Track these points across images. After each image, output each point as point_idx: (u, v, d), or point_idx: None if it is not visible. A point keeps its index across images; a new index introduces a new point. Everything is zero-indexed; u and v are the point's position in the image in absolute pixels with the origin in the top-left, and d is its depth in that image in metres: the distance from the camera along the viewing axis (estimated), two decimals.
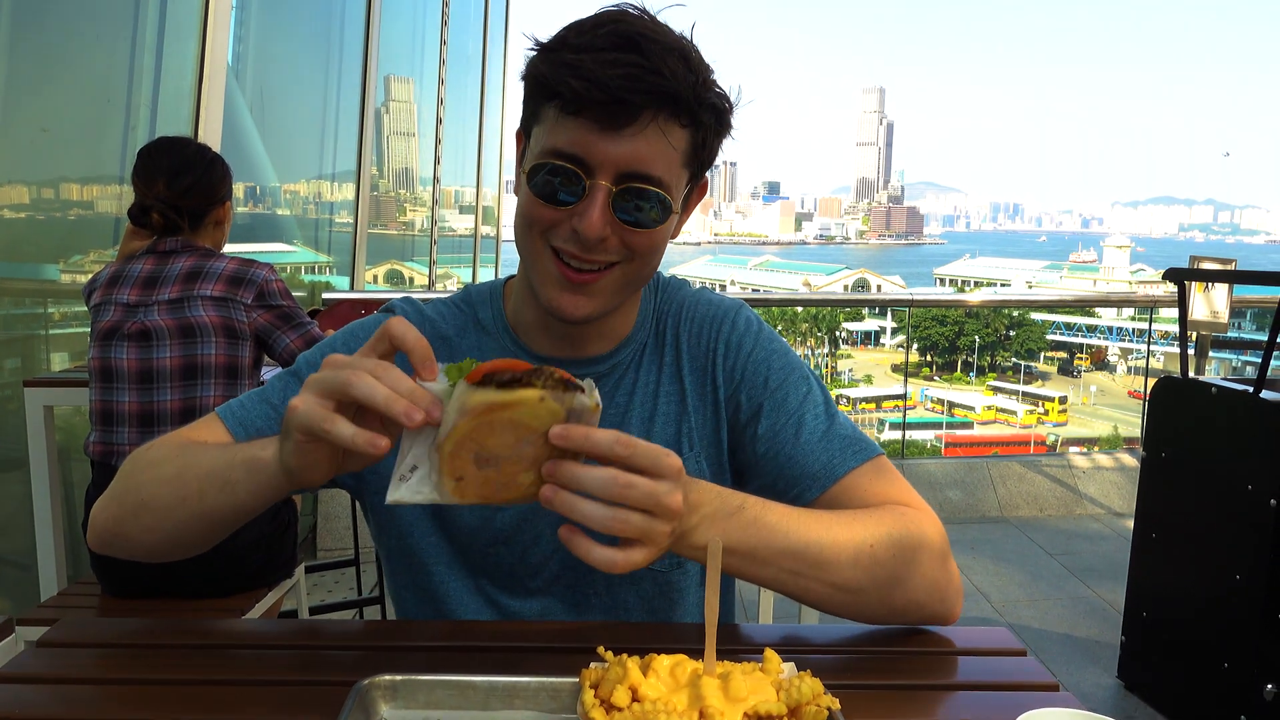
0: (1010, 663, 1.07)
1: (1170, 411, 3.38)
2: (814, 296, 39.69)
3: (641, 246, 1.11)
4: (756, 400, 1.24)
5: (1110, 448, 9.83)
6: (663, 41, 1.05)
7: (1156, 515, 3.43)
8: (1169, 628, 3.35)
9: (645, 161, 1.06)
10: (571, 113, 1.05)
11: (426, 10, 8.33)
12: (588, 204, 1.06)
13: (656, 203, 1.09)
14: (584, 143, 1.05)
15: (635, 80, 1.02)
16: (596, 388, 0.91)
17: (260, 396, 1.22)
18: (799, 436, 1.22)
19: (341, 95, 6.49)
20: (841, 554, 1.07)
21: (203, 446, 1.11)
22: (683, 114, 1.07)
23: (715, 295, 1.33)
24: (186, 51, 4.19)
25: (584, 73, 1.02)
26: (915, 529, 1.13)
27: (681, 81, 1.05)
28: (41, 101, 3.59)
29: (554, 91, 1.05)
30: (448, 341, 1.26)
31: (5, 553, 3.52)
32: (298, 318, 2.62)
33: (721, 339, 1.27)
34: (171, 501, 1.06)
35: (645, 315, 1.29)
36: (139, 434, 2.46)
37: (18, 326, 3.74)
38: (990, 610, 4.38)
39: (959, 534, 5.43)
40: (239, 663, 1.04)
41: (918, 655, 1.10)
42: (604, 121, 1.04)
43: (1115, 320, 53.85)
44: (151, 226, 2.58)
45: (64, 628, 1.09)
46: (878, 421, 41.57)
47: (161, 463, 1.10)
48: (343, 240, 6.76)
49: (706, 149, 1.13)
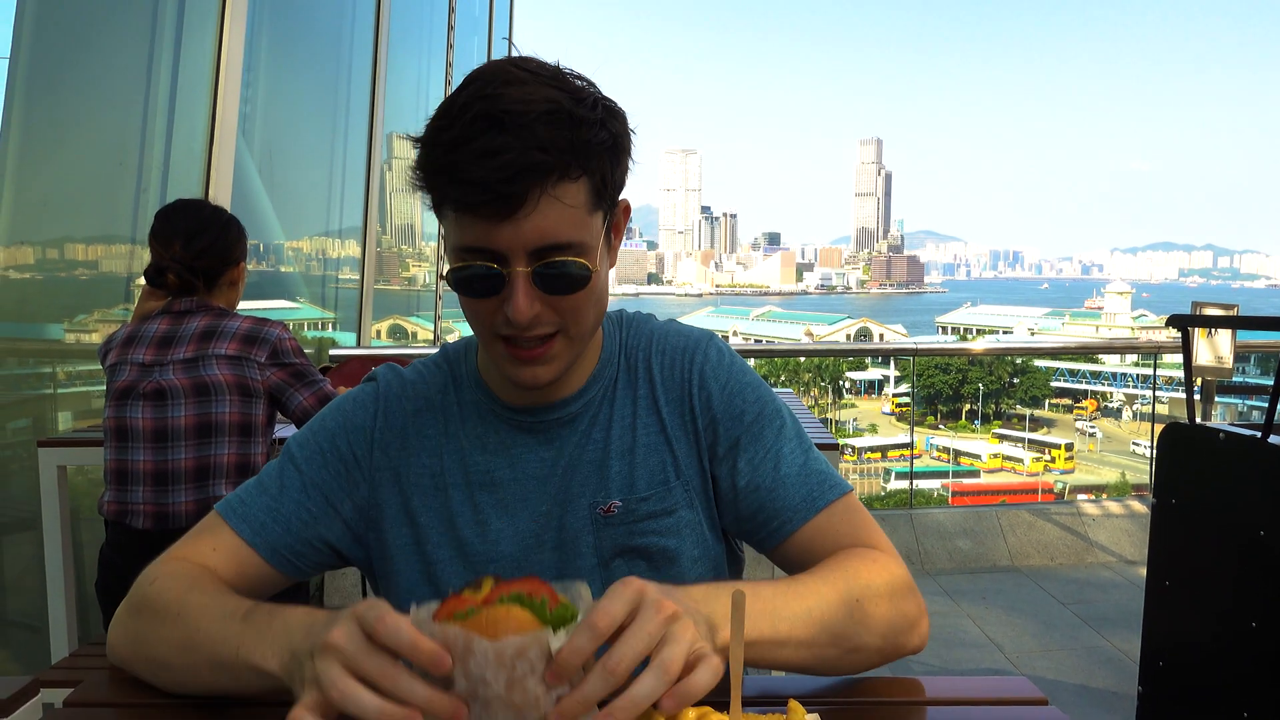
0: (1031, 712, 1.07)
1: (1178, 458, 3.38)
2: (817, 346, 39.73)
3: (574, 308, 1.11)
4: (733, 434, 1.24)
5: (1119, 495, 9.76)
6: (531, 108, 1.02)
7: (1168, 563, 3.41)
8: (1186, 677, 3.31)
9: (550, 233, 1.05)
10: (465, 211, 1.04)
11: (430, 68, 8.48)
12: (510, 290, 1.06)
13: (575, 267, 1.08)
14: (487, 235, 1.04)
15: (510, 167, 1.00)
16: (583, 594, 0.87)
17: (259, 488, 1.22)
18: (778, 470, 1.23)
19: (348, 153, 6.58)
20: (836, 616, 1.08)
21: (203, 609, 1.05)
22: (571, 172, 1.05)
23: (685, 326, 1.33)
24: (198, 113, 4.26)
25: (460, 175, 1.01)
26: (882, 576, 1.15)
27: (559, 147, 1.02)
28: (55, 163, 3.66)
29: (440, 199, 1.06)
30: (431, 403, 1.27)
31: (15, 614, 3.51)
32: (310, 375, 2.64)
33: (695, 369, 1.26)
34: (184, 673, 1.04)
35: (611, 351, 1.28)
36: (154, 492, 2.47)
37: (24, 386, 3.76)
38: (1004, 661, 4.34)
39: (970, 583, 5.39)
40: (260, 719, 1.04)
41: (938, 705, 1.10)
42: (498, 214, 1.02)
43: (1119, 366, 53.83)
44: (167, 287, 2.61)
45: (88, 688, 1.09)
46: (883, 471, 41.38)
47: (169, 620, 1.06)
48: (346, 296, 6.82)
49: (609, 184, 1.11)
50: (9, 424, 3.63)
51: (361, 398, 1.28)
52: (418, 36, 8.38)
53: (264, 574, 1.20)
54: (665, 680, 0.84)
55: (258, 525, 1.19)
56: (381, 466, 1.24)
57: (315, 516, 1.22)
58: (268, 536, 1.19)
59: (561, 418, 1.24)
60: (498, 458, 1.24)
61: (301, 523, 1.21)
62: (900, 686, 1.13)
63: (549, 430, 1.24)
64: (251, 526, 1.19)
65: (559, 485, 1.23)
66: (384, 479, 1.24)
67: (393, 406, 1.26)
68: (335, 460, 1.23)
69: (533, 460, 1.24)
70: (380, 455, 1.24)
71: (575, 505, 1.23)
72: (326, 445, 1.24)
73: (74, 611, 2.98)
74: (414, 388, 1.28)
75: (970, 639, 4.61)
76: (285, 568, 1.21)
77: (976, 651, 4.47)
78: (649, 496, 1.23)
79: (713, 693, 0.97)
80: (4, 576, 3.50)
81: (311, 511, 1.21)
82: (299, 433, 1.27)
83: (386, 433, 1.25)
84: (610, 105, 1.09)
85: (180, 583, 1.10)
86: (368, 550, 1.26)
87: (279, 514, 1.20)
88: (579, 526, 1.22)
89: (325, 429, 1.26)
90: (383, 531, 1.24)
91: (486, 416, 1.25)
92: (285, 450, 1.26)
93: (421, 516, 1.23)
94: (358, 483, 1.24)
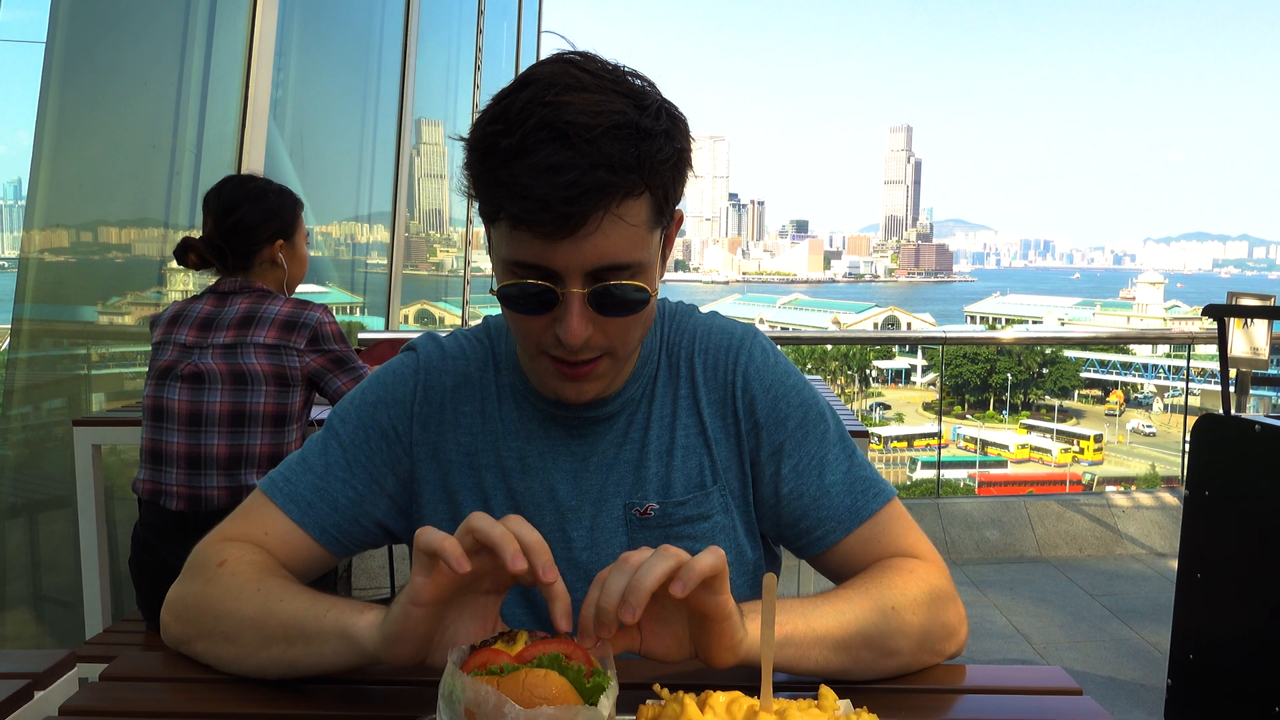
0: (1067, 702, 1.06)
1: (1212, 449, 3.33)
2: (844, 334, 39.53)
3: (625, 330, 1.08)
4: (777, 439, 1.22)
5: (1149, 487, 9.66)
6: (597, 121, 0.96)
7: (1200, 555, 3.37)
8: (1217, 670, 3.28)
9: (610, 254, 1.00)
10: (522, 226, 0.99)
11: (460, 55, 8.48)
12: (564, 311, 1.02)
13: (633, 290, 1.04)
14: (544, 253, 0.99)
15: (575, 186, 0.95)
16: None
17: (304, 465, 1.21)
18: (823, 478, 1.21)
19: (378, 138, 6.61)
20: (871, 620, 1.08)
21: (284, 585, 1.07)
22: (636, 190, 1.00)
23: (726, 322, 1.30)
24: (230, 95, 4.29)
25: (520, 190, 0.96)
26: (920, 586, 1.14)
27: (626, 165, 0.97)
28: (88, 146, 3.69)
29: (495, 212, 1.01)
30: (470, 380, 1.25)
31: (51, 590, 3.56)
32: (350, 361, 2.58)
33: (739, 371, 1.23)
34: (255, 645, 1.03)
35: (651, 347, 1.25)
36: (186, 475, 2.48)
37: (59, 367, 3.81)
38: (1031, 652, 4.31)
39: (997, 574, 5.35)
40: (296, 698, 1.05)
41: (973, 693, 1.10)
42: (558, 232, 0.98)
43: (1150, 357, 53.22)
44: (189, 266, 2.58)
45: (123, 663, 1.10)
46: (909, 460, 41.19)
47: (241, 594, 1.06)
48: (375, 281, 6.85)
49: (669, 199, 1.06)
50: (44, 403, 3.68)
51: (401, 370, 1.25)
52: (447, 22, 8.38)
53: (315, 554, 1.20)
54: (670, 561, 0.88)
55: (305, 505, 1.18)
56: (421, 441, 1.23)
57: (361, 494, 1.21)
58: (316, 516, 1.18)
59: (599, 415, 1.22)
60: (531, 445, 1.22)
61: (349, 500, 1.20)
62: (934, 674, 1.12)
63: (585, 426, 1.22)
64: (299, 507, 1.18)
65: (593, 482, 1.22)
66: (423, 454, 1.23)
67: (433, 380, 1.24)
68: (377, 435, 1.22)
69: (565, 454, 1.22)
70: (420, 429, 1.23)
71: (610, 505, 1.21)
72: (368, 419, 1.22)
73: (108, 588, 3.02)
74: (454, 361, 1.26)
75: (997, 630, 4.58)
76: (334, 547, 1.21)
77: (1003, 642, 4.44)
78: (686, 501, 1.21)
79: (743, 678, 0.97)
80: (40, 553, 3.56)
81: (357, 489, 1.20)
82: (340, 405, 1.26)
83: (426, 407, 1.23)
84: (674, 112, 1.04)
85: (256, 565, 1.11)
86: (412, 524, 1.24)
87: (325, 492, 1.19)
88: (612, 526, 1.21)
89: (366, 402, 1.24)
90: (422, 505, 1.24)
91: (523, 404, 1.23)
92: (328, 425, 1.24)
93: (459, 494, 1.22)
94: (400, 457, 1.23)
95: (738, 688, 0.91)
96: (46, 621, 3.58)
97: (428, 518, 1.23)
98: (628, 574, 0.88)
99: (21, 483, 3.56)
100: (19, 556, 3.49)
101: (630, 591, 0.86)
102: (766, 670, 0.90)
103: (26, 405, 3.57)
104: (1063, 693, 1.08)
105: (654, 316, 1.16)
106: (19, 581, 3.50)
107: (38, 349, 3.61)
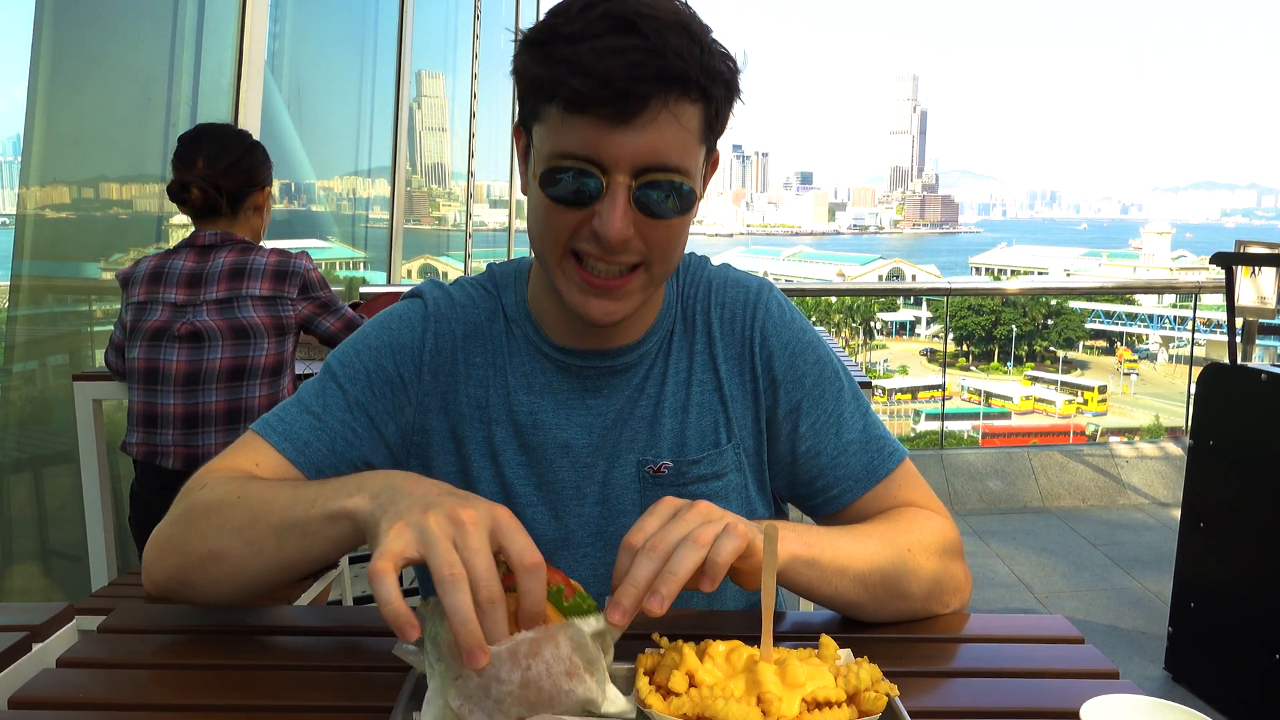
0: (1068, 650, 1.06)
1: (1218, 399, 3.32)
2: (848, 286, 39.41)
3: (665, 240, 1.06)
4: (794, 397, 1.21)
5: (1153, 437, 9.67)
6: (662, 16, 0.97)
7: (1203, 505, 3.37)
8: (1217, 619, 3.29)
9: (662, 151, 1.00)
10: (576, 111, 0.97)
11: (458, 6, 8.36)
12: (608, 203, 1.00)
13: (678, 192, 1.02)
14: (595, 141, 0.98)
15: (640, 67, 0.95)
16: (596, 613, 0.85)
17: (300, 406, 1.17)
18: (840, 436, 1.20)
19: (376, 91, 6.53)
20: (887, 557, 1.09)
21: (268, 486, 1.05)
22: (693, 91, 1.00)
23: (740, 274, 1.28)
24: (225, 47, 4.22)
25: (584, 68, 0.95)
26: (935, 535, 1.15)
27: (688, 58, 0.97)
28: (83, 100, 3.64)
29: (553, 91, 0.98)
30: (479, 329, 1.22)
31: (56, 545, 3.58)
32: (335, 303, 2.69)
33: (756, 326, 1.22)
34: (245, 553, 1.00)
35: (670, 299, 1.23)
36: (183, 434, 2.47)
37: (61, 324, 3.80)
38: (1033, 601, 4.34)
39: (1000, 524, 5.38)
40: (287, 649, 1.05)
41: (974, 642, 1.09)
42: (613, 116, 0.97)
43: (1155, 308, 53.02)
44: (191, 204, 2.55)
45: (121, 615, 1.11)
46: (914, 412, 41.27)
47: (226, 507, 1.03)
48: (376, 235, 6.81)
49: (719, 119, 1.06)
50: (47, 360, 3.67)
51: (409, 316, 1.22)
52: None
53: None
54: (699, 551, 0.87)
55: (300, 444, 1.14)
56: (430, 391, 1.20)
57: (360, 436, 1.17)
58: (311, 455, 1.14)
59: (614, 367, 1.20)
60: (543, 399, 1.19)
61: (346, 443, 1.16)
62: (937, 623, 1.12)
63: (599, 378, 1.20)
64: (295, 445, 1.14)
65: (606, 437, 1.20)
66: (432, 404, 1.20)
67: (442, 329, 1.21)
68: (380, 381, 1.18)
69: (579, 408, 1.20)
70: (429, 379, 1.20)
71: (623, 461, 1.20)
72: (371, 364, 1.19)
73: (113, 542, 3.04)
74: (463, 310, 1.22)
75: (999, 579, 4.61)
76: None
77: (1005, 591, 4.47)
78: (700, 459, 1.20)
79: (743, 628, 0.96)
80: (46, 508, 3.57)
81: (356, 432, 1.16)
82: (339, 350, 1.22)
83: (436, 356, 1.20)
84: (727, 51, 1.04)
85: (234, 477, 1.09)
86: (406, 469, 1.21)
87: (323, 433, 1.15)
88: (624, 483, 1.20)
89: (369, 347, 1.20)
90: (429, 458, 1.21)
91: (534, 355, 1.20)
92: (325, 368, 1.20)
93: (469, 445, 1.20)
94: (403, 406, 1.19)
95: (737, 638, 0.90)
96: (53, 576, 3.60)
97: (437, 469, 1.21)
98: (657, 561, 0.87)
99: (26, 438, 3.56)
100: (25, 511, 3.51)
101: (661, 582, 0.85)
102: (767, 620, 0.89)
103: (30, 361, 3.57)
104: (1064, 641, 1.08)
105: (685, 244, 1.12)
106: (26, 536, 3.52)
107: (39, 305, 3.60)
